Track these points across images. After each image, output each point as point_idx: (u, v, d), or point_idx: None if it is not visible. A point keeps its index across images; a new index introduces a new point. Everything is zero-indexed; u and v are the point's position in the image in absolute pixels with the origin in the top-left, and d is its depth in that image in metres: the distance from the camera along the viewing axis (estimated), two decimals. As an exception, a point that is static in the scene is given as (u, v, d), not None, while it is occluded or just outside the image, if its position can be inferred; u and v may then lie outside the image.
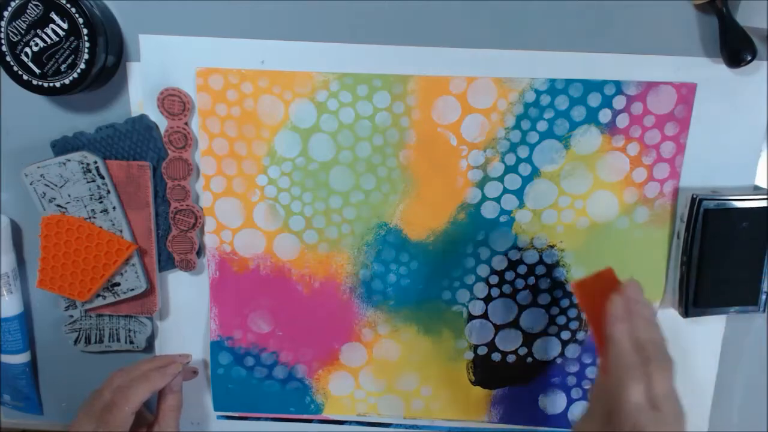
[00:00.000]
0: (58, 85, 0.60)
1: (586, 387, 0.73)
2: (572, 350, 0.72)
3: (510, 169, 0.66)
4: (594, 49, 0.62)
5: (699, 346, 0.70)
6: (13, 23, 0.58)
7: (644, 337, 0.56)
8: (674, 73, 0.62)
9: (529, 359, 0.72)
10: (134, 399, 0.65)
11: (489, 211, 0.67)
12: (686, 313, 0.67)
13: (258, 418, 0.77)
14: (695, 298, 0.66)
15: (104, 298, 0.69)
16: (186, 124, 0.65)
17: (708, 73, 0.62)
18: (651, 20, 0.61)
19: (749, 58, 0.58)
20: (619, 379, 0.55)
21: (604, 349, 0.56)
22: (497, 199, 0.67)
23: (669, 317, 0.69)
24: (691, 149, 0.65)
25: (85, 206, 0.66)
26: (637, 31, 0.62)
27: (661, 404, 0.53)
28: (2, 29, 0.59)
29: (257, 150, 0.66)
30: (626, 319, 0.57)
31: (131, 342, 0.72)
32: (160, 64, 0.65)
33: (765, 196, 0.63)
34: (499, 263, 0.69)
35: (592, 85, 0.63)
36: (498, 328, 0.71)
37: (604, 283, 0.59)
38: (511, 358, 0.72)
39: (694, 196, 0.63)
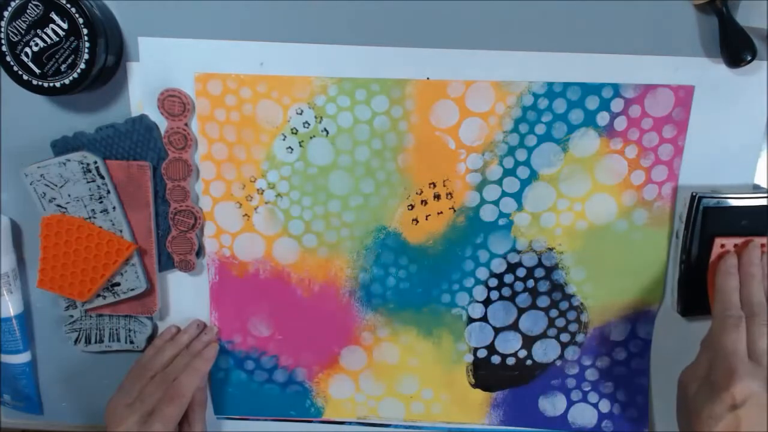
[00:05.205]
0: (58, 85, 0.60)
1: (586, 389, 0.72)
2: (571, 352, 0.71)
3: (508, 173, 0.66)
4: (594, 49, 0.62)
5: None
6: (13, 23, 0.59)
7: (752, 296, 0.59)
8: (674, 74, 0.62)
9: (529, 362, 0.72)
10: (188, 391, 0.65)
11: (488, 214, 0.67)
12: (685, 312, 0.67)
13: (258, 419, 0.77)
14: (694, 297, 0.66)
15: (104, 298, 0.69)
16: (186, 125, 0.65)
17: (708, 73, 0.62)
18: (651, 20, 0.61)
19: (749, 58, 0.58)
20: (720, 326, 0.58)
21: (713, 299, 0.61)
22: (496, 202, 0.67)
23: (668, 317, 0.69)
24: (691, 149, 0.64)
25: (85, 206, 0.66)
26: (637, 31, 0.61)
27: (760, 358, 0.55)
28: (2, 29, 0.59)
29: (256, 154, 0.67)
30: (736, 275, 0.61)
31: (131, 342, 0.72)
32: (159, 67, 0.65)
33: (764, 195, 0.63)
34: (498, 266, 0.69)
35: (589, 88, 0.63)
36: (497, 330, 0.71)
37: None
38: (510, 361, 0.72)
39: (694, 194, 0.63)
